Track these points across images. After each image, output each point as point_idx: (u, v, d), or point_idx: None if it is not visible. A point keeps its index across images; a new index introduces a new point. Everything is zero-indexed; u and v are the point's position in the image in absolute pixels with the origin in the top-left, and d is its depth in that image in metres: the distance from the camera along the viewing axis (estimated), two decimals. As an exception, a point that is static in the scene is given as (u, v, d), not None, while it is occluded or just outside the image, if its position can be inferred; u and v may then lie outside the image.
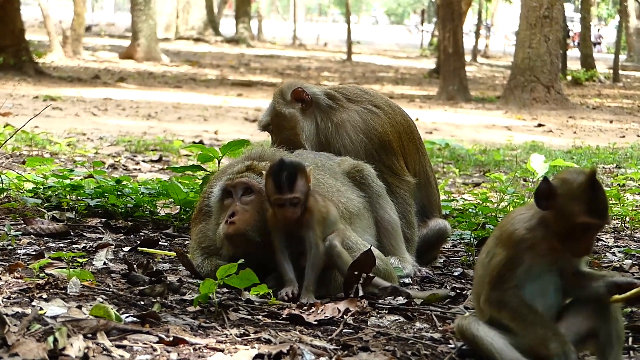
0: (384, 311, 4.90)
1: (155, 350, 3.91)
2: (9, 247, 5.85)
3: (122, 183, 7.49)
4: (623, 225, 7.95)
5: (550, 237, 3.87)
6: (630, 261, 6.54)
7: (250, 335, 4.25)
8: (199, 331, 4.28)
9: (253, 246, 5.09)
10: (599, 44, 64.27)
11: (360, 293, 5.00)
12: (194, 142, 13.61)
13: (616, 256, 6.76)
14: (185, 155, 12.48)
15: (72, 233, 6.43)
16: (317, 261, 5.04)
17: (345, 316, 4.70)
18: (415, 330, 4.62)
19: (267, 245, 5.10)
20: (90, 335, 3.93)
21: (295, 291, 4.96)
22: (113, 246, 6.07)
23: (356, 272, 5.01)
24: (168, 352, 3.90)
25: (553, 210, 3.86)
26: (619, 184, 10.57)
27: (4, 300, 4.48)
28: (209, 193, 5.42)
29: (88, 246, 6.08)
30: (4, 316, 3.82)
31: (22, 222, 6.54)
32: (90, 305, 4.37)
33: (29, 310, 4.22)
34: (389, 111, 6.30)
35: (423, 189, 6.42)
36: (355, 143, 6.16)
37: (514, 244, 3.91)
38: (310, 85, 6.34)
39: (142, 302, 4.68)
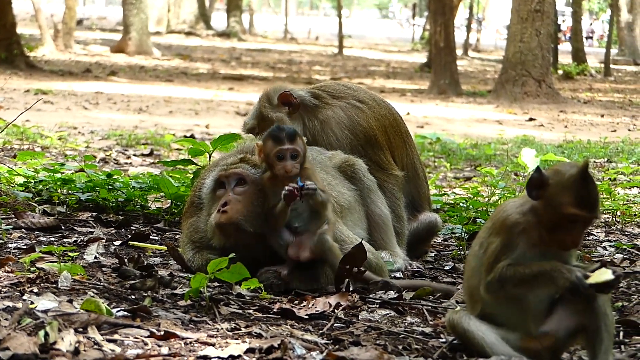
0: (375, 305, 4.90)
1: (146, 344, 3.91)
2: (0, 241, 5.84)
3: (113, 177, 7.48)
4: (614, 219, 7.97)
5: (540, 227, 3.88)
6: (621, 255, 6.55)
7: (241, 330, 4.25)
8: (190, 325, 4.28)
9: (245, 237, 5.08)
10: (591, 38, 64.36)
11: (351, 287, 5.01)
12: (185, 136, 13.59)
13: (607, 250, 6.77)
14: (177, 149, 12.46)
15: (63, 227, 6.42)
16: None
17: (336, 310, 4.70)
18: (406, 324, 4.62)
19: (259, 238, 5.10)
20: (81, 330, 3.92)
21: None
22: (104, 240, 6.06)
23: (347, 266, 5.02)
24: (159, 346, 3.90)
25: (543, 200, 3.88)
26: (610, 178, 10.58)
27: (-5, 294, 4.48)
28: (200, 185, 5.41)
29: (79, 240, 6.07)
30: (-5, 310, 3.82)
31: (12, 216, 6.52)
32: (81, 300, 4.37)
33: (19, 305, 4.21)
34: (373, 105, 6.29)
35: (412, 182, 6.42)
36: (340, 140, 6.15)
37: (508, 228, 3.92)
38: (296, 87, 6.33)
39: (133, 296, 4.67)
